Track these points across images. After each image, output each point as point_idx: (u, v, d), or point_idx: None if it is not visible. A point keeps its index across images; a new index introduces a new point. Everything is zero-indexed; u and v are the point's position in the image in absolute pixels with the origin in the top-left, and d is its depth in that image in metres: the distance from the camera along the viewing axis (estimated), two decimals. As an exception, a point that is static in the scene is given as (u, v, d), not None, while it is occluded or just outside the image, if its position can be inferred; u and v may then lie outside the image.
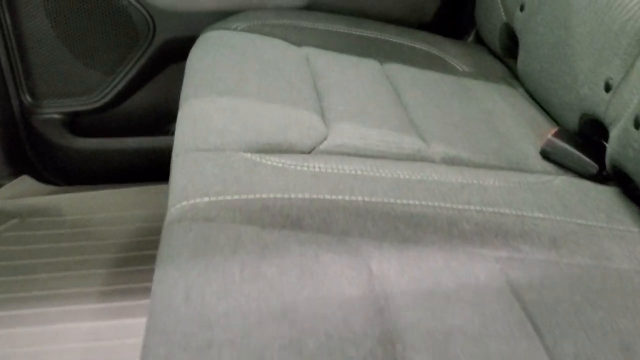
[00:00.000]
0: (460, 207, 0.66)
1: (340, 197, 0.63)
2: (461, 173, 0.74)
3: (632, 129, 0.70)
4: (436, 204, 0.65)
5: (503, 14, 1.09)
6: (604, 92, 0.80)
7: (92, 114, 1.25)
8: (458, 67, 1.10)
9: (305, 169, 0.68)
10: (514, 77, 1.10)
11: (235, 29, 1.03)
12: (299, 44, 1.03)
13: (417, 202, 0.65)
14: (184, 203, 0.60)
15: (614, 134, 0.76)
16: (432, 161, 0.78)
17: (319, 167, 0.68)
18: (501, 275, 0.56)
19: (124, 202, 1.21)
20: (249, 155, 0.69)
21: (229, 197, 0.60)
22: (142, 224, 1.16)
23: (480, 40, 1.21)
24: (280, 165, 0.68)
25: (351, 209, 0.62)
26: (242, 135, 0.72)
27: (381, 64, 1.03)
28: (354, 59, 1.01)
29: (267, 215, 0.58)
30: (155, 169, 1.17)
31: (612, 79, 0.79)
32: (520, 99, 1.01)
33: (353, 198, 0.63)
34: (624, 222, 0.71)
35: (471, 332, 0.49)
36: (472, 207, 0.66)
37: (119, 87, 1.23)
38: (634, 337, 0.52)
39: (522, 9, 1.03)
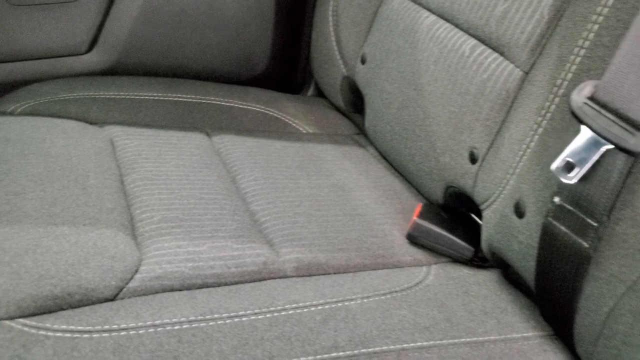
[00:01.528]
0: (326, 356, 0.49)
1: (159, 380, 0.44)
2: (322, 293, 0.58)
3: (514, 217, 0.59)
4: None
5: (343, 66, 0.96)
6: (469, 163, 0.69)
7: None
8: (301, 129, 0.96)
9: (107, 336, 0.47)
10: (362, 132, 0.97)
11: (11, 113, 0.79)
12: (101, 122, 0.82)
13: (268, 364, 0.47)
14: None
15: (489, 217, 0.64)
16: (284, 275, 0.62)
17: (127, 328, 0.49)
18: None
19: None
20: (18, 324, 0.48)
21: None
22: None
23: (321, 93, 1.07)
24: (69, 335, 0.47)
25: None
26: (8, 291, 0.50)
27: (209, 137, 0.85)
28: (174, 136, 0.82)
29: None
30: None
31: (476, 149, 0.68)
32: (372, 163, 0.88)
33: (178, 378, 0.45)
34: (516, 327, 0.59)
35: None
36: (341, 354, 0.50)
37: None
38: None
39: (363, 61, 0.91)
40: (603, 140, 0.47)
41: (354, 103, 0.97)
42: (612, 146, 0.47)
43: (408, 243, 0.71)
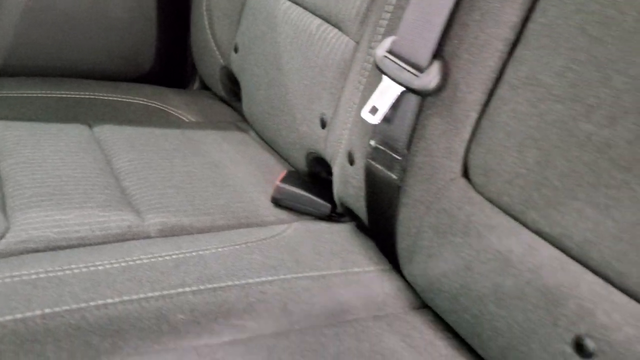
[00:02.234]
0: (172, 292, 0.55)
1: (9, 317, 0.49)
2: (179, 246, 0.63)
3: (348, 166, 0.67)
4: (142, 295, 0.54)
5: (220, 57, 1.03)
6: (320, 128, 0.76)
7: None
8: (183, 118, 1.01)
9: (-36, 287, 0.52)
10: (245, 120, 1.04)
11: None
12: (-19, 118, 0.85)
13: (117, 300, 0.53)
14: None
15: (335, 172, 0.72)
16: (147, 237, 0.67)
17: (-14, 280, 0.53)
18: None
19: None
20: None
21: None
22: None
23: (206, 86, 1.14)
24: None
25: (24, 332, 0.48)
26: None
27: (91, 128, 0.90)
28: (54, 127, 0.86)
29: None
30: None
31: (325, 115, 0.75)
32: (251, 144, 0.95)
33: (28, 315, 0.49)
34: (359, 263, 0.66)
35: None
36: (187, 289, 0.56)
37: None
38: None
39: (236, 50, 0.97)
40: (397, 85, 0.56)
41: (234, 91, 1.04)
42: (404, 89, 0.55)
43: (273, 206, 0.78)
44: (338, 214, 0.77)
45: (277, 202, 0.78)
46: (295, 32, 0.82)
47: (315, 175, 0.82)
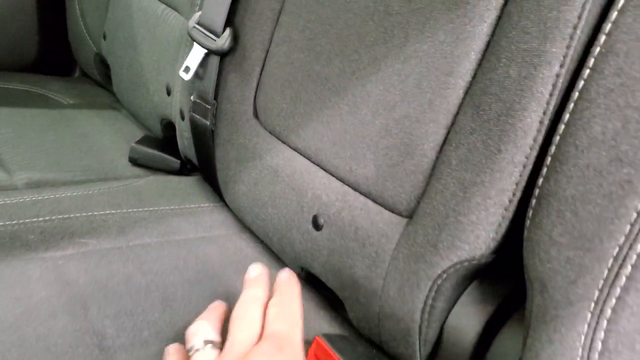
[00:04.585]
0: (27, 221, 0.68)
1: None
2: (39, 193, 0.76)
3: (181, 121, 0.81)
4: (1, 223, 0.67)
5: (92, 44, 1.15)
6: (167, 96, 0.91)
7: None
8: (62, 101, 1.13)
9: None
10: (118, 101, 1.16)
11: None
12: None
13: (-23, 227, 0.65)
14: None
15: (176, 129, 0.87)
16: (15, 189, 0.79)
17: None
18: (56, 269, 0.60)
19: None
20: None
21: None
22: None
23: (86, 74, 1.26)
24: None
25: None
26: None
27: (-30, 112, 1.01)
28: None
29: None
30: None
31: (169, 84, 0.90)
32: (121, 120, 1.08)
33: None
34: (196, 201, 0.81)
35: (10, 321, 0.51)
36: (40, 219, 0.69)
37: None
38: (176, 290, 0.61)
39: (105, 37, 1.10)
40: (202, 48, 0.71)
41: (108, 75, 1.16)
42: (206, 50, 0.70)
43: (131, 165, 0.91)
44: (189, 169, 0.92)
45: (134, 161, 0.91)
46: (146, 17, 0.96)
47: (170, 138, 0.97)
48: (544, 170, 0.39)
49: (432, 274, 0.46)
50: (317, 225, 0.58)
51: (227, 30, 0.69)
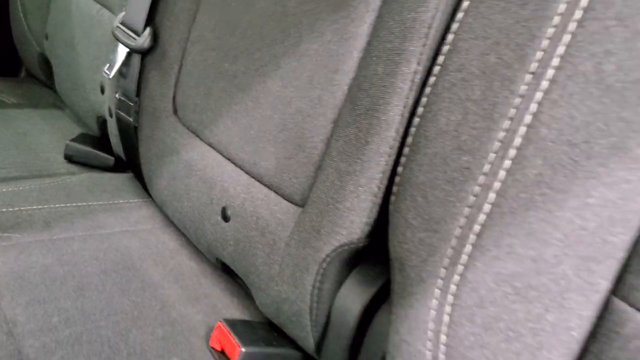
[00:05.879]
0: (-50, 216, 0.70)
1: None
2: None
3: (110, 118, 0.83)
4: None
5: (36, 44, 1.16)
6: (102, 94, 0.93)
7: None
8: (6, 101, 1.14)
9: None
10: (63, 101, 1.18)
11: None
12: None
13: None
14: None
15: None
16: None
17: None
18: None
19: None
20: None
21: None
22: None
23: (32, 74, 1.27)
24: None
25: None
26: None
27: None
28: None
29: None
30: None
31: (103, 83, 0.92)
32: (63, 119, 1.10)
33: None
34: (126, 197, 0.83)
35: None
36: (-37, 213, 0.70)
37: None
38: (92, 280, 0.63)
39: (47, 38, 1.12)
40: (125, 47, 0.73)
41: (51, 74, 1.18)
42: (128, 49, 0.73)
43: (67, 162, 0.93)
44: (125, 166, 0.94)
45: (69, 158, 0.93)
46: (83, 17, 0.98)
47: (106, 136, 0.98)
48: (403, 159, 0.42)
49: (318, 258, 0.49)
50: (225, 217, 0.61)
51: (147, 30, 0.71)
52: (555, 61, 0.35)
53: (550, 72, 0.35)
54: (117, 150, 0.85)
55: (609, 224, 0.33)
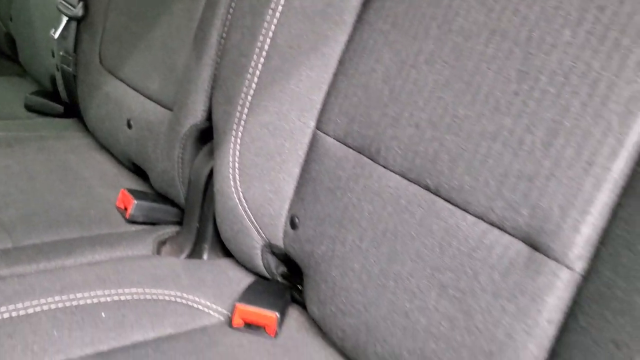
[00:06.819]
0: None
1: None
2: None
3: (57, 72, 1.11)
4: None
5: (2, 25, 1.44)
6: (52, 59, 1.21)
7: None
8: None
9: None
10: (25, 70, 1.45)
11: None
12: None
13: None
14: None
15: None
16: None
17: None
18: None
19: None
20: None
21: None
22: None
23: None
24: None
25: None
26: None
27: None
28: None
29: None
30: None
31: (52, 47, 1.20)
32: (25, 84, 1.37)
33: None
34: (70, 129, 1.11)
35: None
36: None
37: None
38: (39, 176, 0.91)
39: (11, 19, 1.40)
40: (65, 16, 1.01)
41: (15, 50, 1.45)
42: (67, 17, 1.01)
43: (27, 111, 1.21)
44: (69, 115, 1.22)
45: (29, 108, 1.21)
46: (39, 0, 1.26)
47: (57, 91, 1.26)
48: (217, 66, 0.72)
49: (179, 136, 0.78)
50: (129, 126, 0.89)
51: (81, 3, 1.00)
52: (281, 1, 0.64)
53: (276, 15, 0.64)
54: (64, 96, 1.13)
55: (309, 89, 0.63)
